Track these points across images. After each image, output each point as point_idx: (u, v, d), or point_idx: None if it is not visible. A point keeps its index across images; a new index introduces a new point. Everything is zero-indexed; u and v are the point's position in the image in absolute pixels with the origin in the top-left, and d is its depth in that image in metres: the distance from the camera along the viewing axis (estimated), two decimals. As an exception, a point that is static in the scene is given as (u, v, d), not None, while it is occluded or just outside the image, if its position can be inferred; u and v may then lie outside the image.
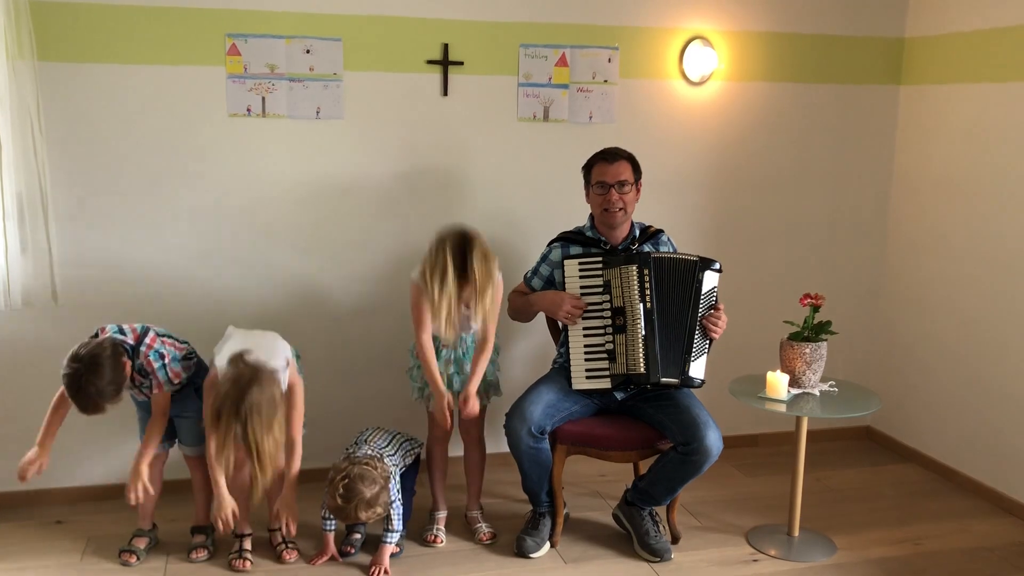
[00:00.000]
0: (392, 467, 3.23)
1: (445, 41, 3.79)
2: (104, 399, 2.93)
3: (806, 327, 3.46)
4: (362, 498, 3.03)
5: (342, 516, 3.10)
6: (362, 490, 3.03)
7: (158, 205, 3.26)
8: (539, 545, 3.39)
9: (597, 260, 3.34)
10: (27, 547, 3.40)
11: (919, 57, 4.27)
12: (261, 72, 3.63)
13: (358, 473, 3.05)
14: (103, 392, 2.91)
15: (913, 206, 4.35)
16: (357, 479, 3.04)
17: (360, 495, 3.03)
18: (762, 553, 3.45)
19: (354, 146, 3.78)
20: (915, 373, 4.37)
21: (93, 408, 2.95)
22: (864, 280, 4.54)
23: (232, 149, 3.65)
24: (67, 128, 3.50)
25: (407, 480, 3.40)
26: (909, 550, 3.49)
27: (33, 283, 3.47)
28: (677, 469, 3.27)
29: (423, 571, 3.27)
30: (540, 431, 3.25)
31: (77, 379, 2.89)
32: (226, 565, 3.27)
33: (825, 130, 4.33)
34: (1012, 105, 3.76)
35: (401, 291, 3.54)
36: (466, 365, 3.39)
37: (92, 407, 2.94)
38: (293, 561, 3.33)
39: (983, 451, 3.99)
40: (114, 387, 2.94)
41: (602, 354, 3.33)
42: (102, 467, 3.77)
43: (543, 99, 3.95)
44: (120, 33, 3.49)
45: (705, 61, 4.04)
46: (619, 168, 3.39)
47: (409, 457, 3.42)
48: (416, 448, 3.48)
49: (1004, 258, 3.83)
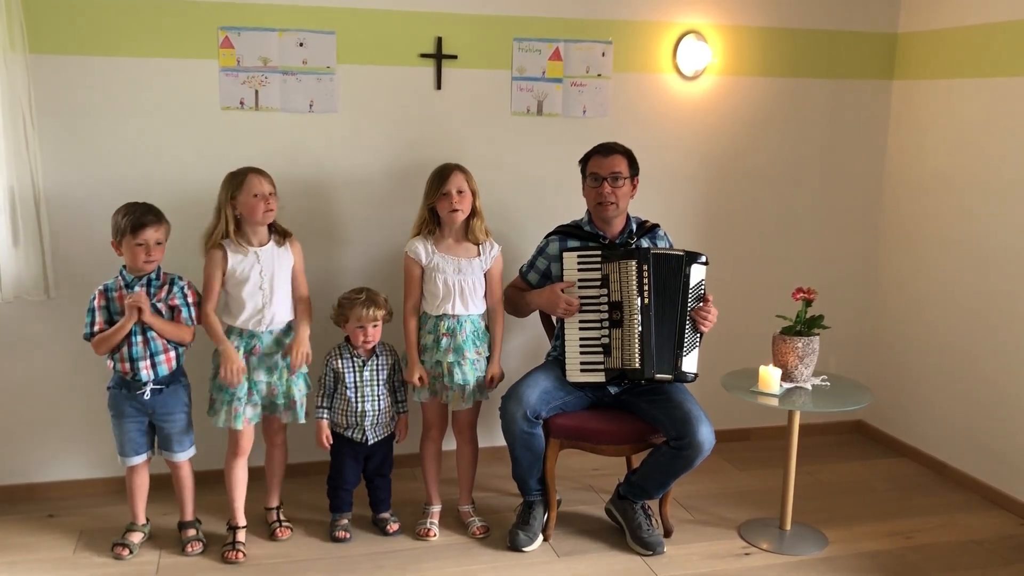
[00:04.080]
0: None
1: (438, 34, 3.79)
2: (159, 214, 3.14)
3: (798, 321, 3.47)
4: (373, 293, 3.36)
5: (352, 301, 3.33)
6: (370, 289, 3.40)
7: (150, 199, 3.25)
8: (532, 539, 3.40)
9: (596, 254, 3.34)
10: (19, 541, 3.39)
11: (912, 52, 4.28)
12: (254, 65, 3.62)
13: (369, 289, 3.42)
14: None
15: (906, 201, 4.36)
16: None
17: (369, 289, 3.38)
18: (754, 546, 3.47)
19: (347, 139, 3.78)
20: (907, 367, 4.39)
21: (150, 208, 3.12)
22: (856, 274, 4.55)
23: (225, 142, 3.64)
24: (59, 121, 3.48)
25: (388, 455, 3.53)
26: (900, 543, 3.50)
27: (25, 276, 3.46)
28: (669, 463, 3.28)
29: (416, 565, 3.28)
30: (535, 416, 3.26)
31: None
32: (219, 557, 3.27)
33: (818, 125, 4.33)
34: (1005, 100, 3.77)
35: (394, 284, 3.53)
36: (467, 352, 3.39)
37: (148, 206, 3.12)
38: (286, 539, 3.39)
39: (974, 445, 4.01)
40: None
41: (597, 348, 3.33)
42: (94, 461, 3.76)
43: (537, 93, 3.94)
44: (112, 26, 3.47)
45: (699, 55, 4.04)
46: (614, 161, 3.39)
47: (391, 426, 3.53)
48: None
49: (996, 252, 3.85)
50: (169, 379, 3.21)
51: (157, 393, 3.18)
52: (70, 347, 3.62)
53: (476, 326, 3.44)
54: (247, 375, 3.24)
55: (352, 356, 3.39)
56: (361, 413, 3.37)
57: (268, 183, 3.21)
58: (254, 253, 3.23)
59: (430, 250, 3.38)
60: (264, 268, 3.23)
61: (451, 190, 3.32)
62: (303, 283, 3.37)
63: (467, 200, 3.34)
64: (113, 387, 3.22)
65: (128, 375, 3.14)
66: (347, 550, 3.37)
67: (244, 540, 3.36)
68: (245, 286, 3.21)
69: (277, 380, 3.29)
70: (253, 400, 3.27)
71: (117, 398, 3.20)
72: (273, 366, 3.28)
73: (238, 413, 3.24)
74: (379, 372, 3.40)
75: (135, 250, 3.07)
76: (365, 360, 3.38)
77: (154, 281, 3.16)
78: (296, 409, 3.34)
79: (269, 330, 3.26)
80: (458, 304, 3.38)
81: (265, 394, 3.30)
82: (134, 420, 3.21)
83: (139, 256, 3.08)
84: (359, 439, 3.40)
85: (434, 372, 3.41)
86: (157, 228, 3.10)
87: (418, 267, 3.39)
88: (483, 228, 3.43)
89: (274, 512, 3.49)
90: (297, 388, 3.33)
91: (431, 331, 3.40)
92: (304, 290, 3.38)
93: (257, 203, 3.17)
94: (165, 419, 3.23)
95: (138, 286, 3.12)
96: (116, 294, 3.13)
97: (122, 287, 3.13)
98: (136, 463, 3.27)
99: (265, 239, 3.27)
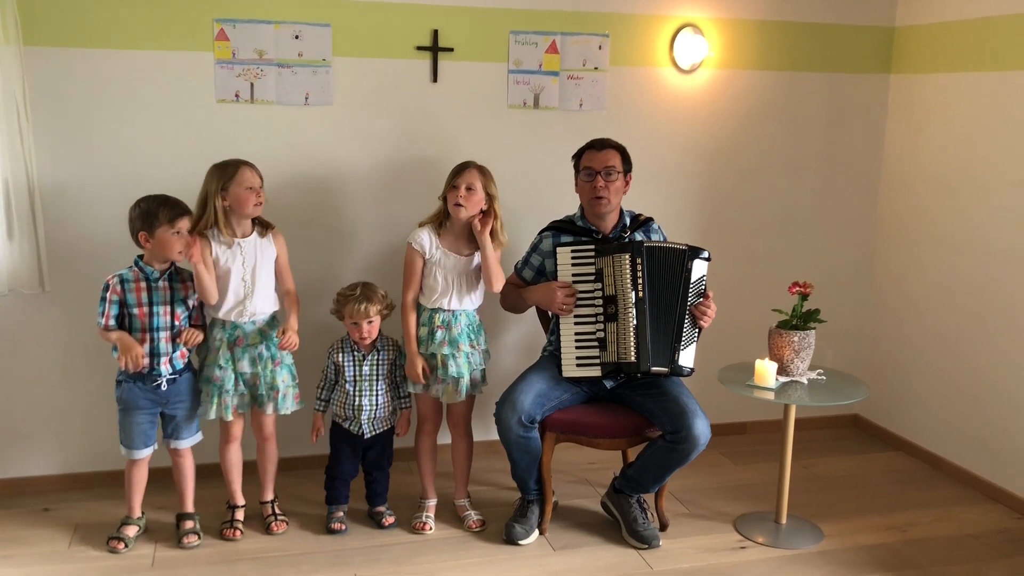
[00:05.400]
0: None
1: (435, 27, 3.77)
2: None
3: (795, 315, 3.47)
4: (369, 289, 3.34)
5: (347, 298, 3.32)
6: (368, 284, 3.37)
7: (146, 191, 3.24)
8: (528, 532, 3.40)
9: (590, 248, 3.34)
10: (14, 535, 3.39)
11: (909, 46, 4.27)
12: (250, 58, 3.61)
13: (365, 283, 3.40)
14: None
15: (902, 195, 4.36)
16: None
17: (367, 284, 3.36)
18: (750, 540, 3.47)
19: (343, 132, 3.77)
20: (903, 361, 4.39)
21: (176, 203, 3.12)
22: (853, 268, 4.55)
23: (220, 135, 3.62)
24: (54, 113, 3.47)
25: (387, 448, 3.52)
26: (896, 537, 3.51)
27: (20, 269, 3.45)
28: (665, 457, 3.28)
29: (412, 558, 3.28)
30: (530, 420, 3.26)
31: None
32: (213, 552, 3.27)
33: (815, 118, 4.33)
34: (1002, 94, 3.77)
35: (391, 278, 3.53)
36: (462, 345, 3.38)
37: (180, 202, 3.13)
38: (282, 533, 3.41)
39: (970, 439, 4.01)
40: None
41: (593, 342, 3.33)
42: (89, 454, 3.75)
43: (533, 86, 3.93)
44: (107, 18, 3.46)
45: (696, 49, 4.03)
46: (607, 156, 3.38)
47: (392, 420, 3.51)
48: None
49: (992, 247, 3.85)
50: (183, 368, 3.24)
51: (172, 383, 3.21)
52: (65, 340, 3.61)
53: (471, 319, 3.44)
54: (232, 366, 3.25)
55: (353, 350, 3.38)
56: (358, 407, 3.36)
57: (259, 176, 3.23)
58: (237, 244, 3.23)
59: (434, 243, 3.37)
60: (247, 259, 3.24)
61: (460, 184, 3.31)
62: (288, 276, 3.38)
63: (475, 199, 3.31)
64: (126, 380, 3.20)
65: (145, 370, 3.15)
66: (342, 543, 3.37)
67: (243, 519, 3.41)
68: (228, 277, 3.22)
69: (261, 370, 3.29)
70: (239, 391, 3.29)
71: (131, 392, 3.19)
72: (257, 356, 3.28)
73: (227, 404, 3.27)
74: (379, 367, 3.39)
75: (171, 240, 3.08)
76: (365, 355, 3.38)
77: (175, 275, 3.19)
78: (279, 400, 3.34)
79: (252, 321, 3.27)
80: (454, 299, 3.37)
81: (250, 384, 3.31)
82: (147, 412, 3.22)
83: (175, 246, 3.09)
84: (356, 431, 3.40)
85: (428, 364, 3.41)
86: (188, 220, 3.13)
87: (420, 258, 3.37)
88: (500, 232, 3.38)
89: (269, 506, 3.49)
90: (281, 379, 3.33)
91: (425, 323, 3.39)
92: (290, 283, 3.39)
93: (249, 195, 3.18)
94: (177, 407, 3.25)
95: (162, 281, 3.15)
96: (133, 286, 3.13)
97: (140, 279, 3.14)
98: (143, 456, 3.27)
99: (248, 231, 3.28)
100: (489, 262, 3.32)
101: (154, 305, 3.14)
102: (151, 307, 3.14)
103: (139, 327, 3.14)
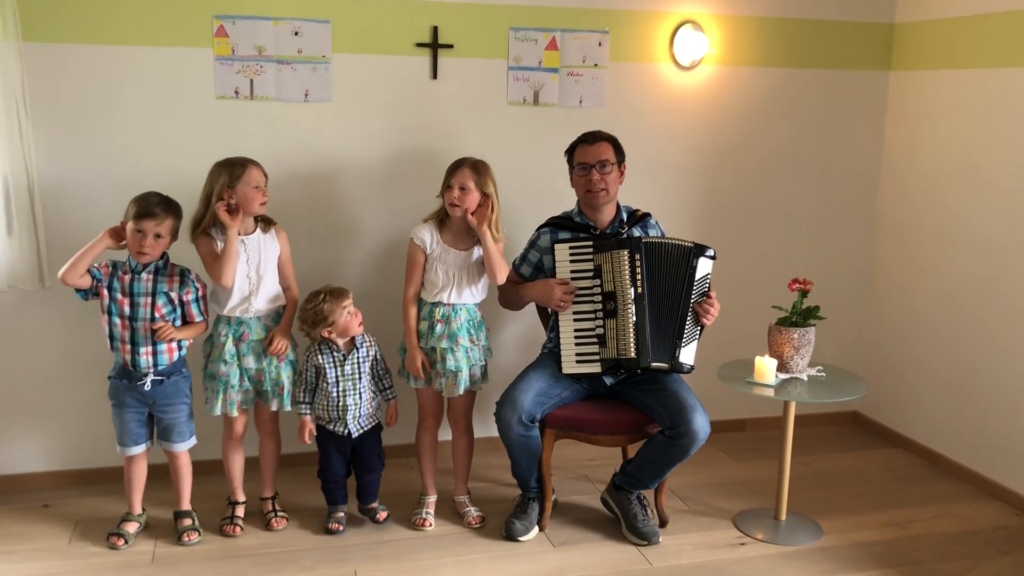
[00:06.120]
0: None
1: (435, 24, 3.77)
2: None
3: (794, 312, 3.47)
4: (328, 289, 3.29)
5: (313, 306, 3.27)
6: (336, 287, 3.33)
7: (145, 187, 3.24)
8: (528, 529, 3.40)
9: (588, 244, 3.34)
10: (14, 531, 3.39)
11: (909, 42, 4.27)
12: (249, 54, 3.61)
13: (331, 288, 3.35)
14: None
15: (902, 191, 4.36)
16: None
17: (324, 290, 3.31)
18: (749, 537, 3.47)
19: (343, 129, 3.77)
20: (902, 358, 4.40)
21: (163, 202, 3.13)
22: (852, 265, 4.55)
23: (220, 131, 3.62)
24: (53, 110, 3.47)
25: (376, 447, 3.49)
26: (895, 534, 3.51)
27: (20, 266, 3.45)
28: (665, 453, 3.28)
29: (412, 554, 3.28)
30: (531, 419, 3.26)
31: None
32: (213, 548, 3.28)
33: (815, 115, 4.33)
34: (1001, 91, 3.77)
35: (391, 275, 3.53)
36: (461, 339, 3.38)
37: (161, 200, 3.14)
38: (282, 529, 3.41)
39: (969, 436, 4.02)
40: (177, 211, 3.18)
41: (592, 339, 3.33)
42: (89, 450, 3.75)
43: (533, 83, 3.93)
44: (106, 14, 3.45)
45: (696, 45, 4.03)
46: (600, 148, 3.39)
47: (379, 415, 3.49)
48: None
49: (992, 244, 3.85)
50: (170, 370, 3.22)
51: (158, 384, 3.20)
52: (65, 337, 3.61)
53: (471, 314, 3.44)
54: (237, 362, 3.25)
55: (332, 351, 3.34)
56: (343, 407, 3.35)
57: (264, 175, 3.24)
58: (241, 241, 3.23)
59: (435, 238, 3.37)
60: (251, 256, 3.24)
61: (454, 185, 3.31)
62: (290, 272, 3.38)
63: (469, 198, 3.30)
64: (114, 377, 3.23)
65: (128, 363, 3.15)
66: (343, 540, 3.37)
67: (243, 515, 3.41)
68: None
69: (266, 366, 3.30)
70: (244, 387, 3.30)
71: (118, 388, 3.21)
72: (262, 352, 3.29)
73: (232, 400, 3.28)
74: (361, 364, 3.37)
75: (133, 235, 3.11)
76: (345, 354, 3.35)
77: (162, 269, 3.18)
78: (283, 396, 3.35)
79: (257, 317, 3.27)
80: (454, 293, 3.37)
81: (255, 380, 3.31)
82: (134, 410, 3.22)
83: (134, 243, 3.11)
84: (342, 432, 3.37)
85: (428, 359, 3.41)
86: (159, 222, 3.10)
87: (422, 253, 3.38)
88: (495, 227, 3.35)
89: (269, 502, 3.50)
90: (286, 375, 3.34)
91: (425, 317, 3.39)
92: (291, 280, 3.39)
93: (256, 194, 3.20)
94: (165, 410, 3.24)
95: (145, 273, 3.15)
96: (120, 274, 3.15)
97: (127, 271, 3.16)
98: (135, 453, 3.28)
99: (251, 227, 3.28)
100: (491, 254, 3.32)
101: (135, 296, 3.14)
102: (132, 297, 3.14)
103: (118, 313, 3.14)
